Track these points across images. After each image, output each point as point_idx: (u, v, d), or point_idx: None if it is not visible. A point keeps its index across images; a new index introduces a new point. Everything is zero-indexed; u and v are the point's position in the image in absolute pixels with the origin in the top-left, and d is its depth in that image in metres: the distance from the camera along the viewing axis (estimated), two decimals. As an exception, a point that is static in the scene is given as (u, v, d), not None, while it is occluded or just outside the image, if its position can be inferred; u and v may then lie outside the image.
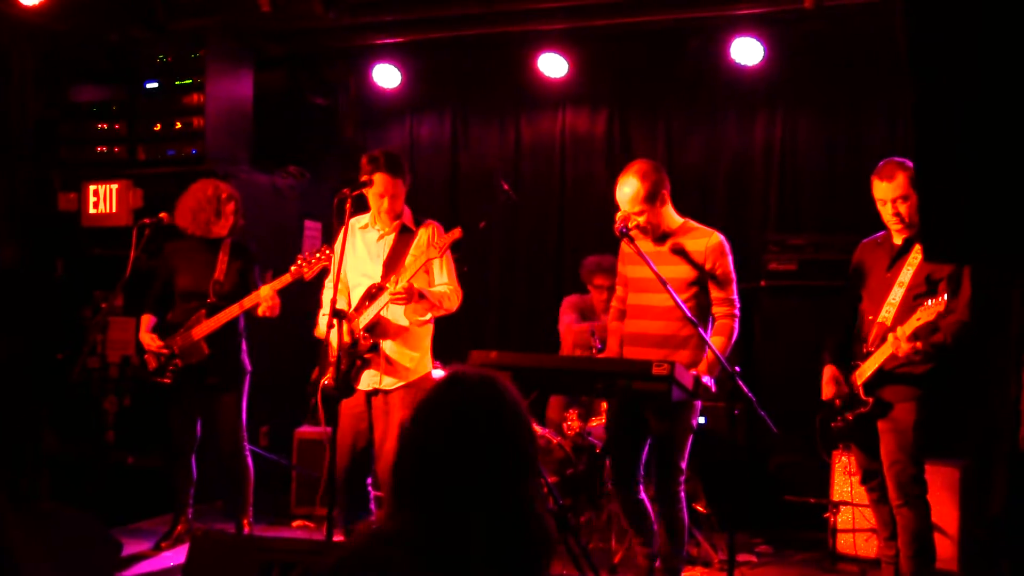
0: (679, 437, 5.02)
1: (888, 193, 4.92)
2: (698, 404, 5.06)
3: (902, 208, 4.91)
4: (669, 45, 7.81)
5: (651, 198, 5.00)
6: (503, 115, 8.54)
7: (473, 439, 2.10)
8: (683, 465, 5.06)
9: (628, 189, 5.01)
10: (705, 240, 5.06)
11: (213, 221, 6.10)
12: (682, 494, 5.07)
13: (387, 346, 5.38)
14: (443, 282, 5.41)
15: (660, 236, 5.11)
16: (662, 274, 4.85)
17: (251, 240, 6.33)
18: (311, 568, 2.05)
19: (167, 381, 6.10)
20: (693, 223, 5.18)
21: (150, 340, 6.10)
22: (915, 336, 4.71)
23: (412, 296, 5.18)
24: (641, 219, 5.03)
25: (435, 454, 2.10)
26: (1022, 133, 1.85)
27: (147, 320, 6.21)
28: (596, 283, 6.95)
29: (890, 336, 4.80)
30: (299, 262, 5.77)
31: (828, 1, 6.57)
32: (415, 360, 5.42)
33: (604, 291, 6.86)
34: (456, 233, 5.18)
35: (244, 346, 6.23)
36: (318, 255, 5.75)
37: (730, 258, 5.10)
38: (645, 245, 5.06)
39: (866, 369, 4.95)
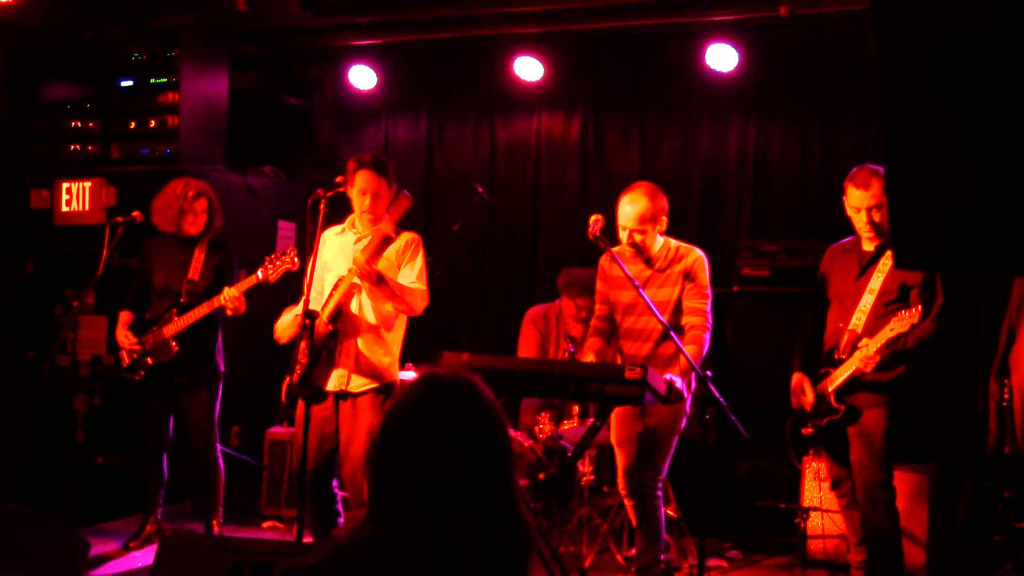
0: (666, 438, 5.14)
1: (863, 201, 4.94)
2: (687, 408, 5.15)
3: (876, 216, 4.94)
4: (645, 50, 7.86)
5: (654, 219, 5.18)
6: (478, 118, 8.54)
7: (453, 441, 2.08)
8: (664, 466, 5.18)
9: (634, 207, 5.15)
10: (686, 257, 5.24)
11: (181, 218, 6.09)
12: (659, 493, 5.17)
13: (359, 343, 5.33)
14: (411, 280, 5.33)
15: (647, 259, 5.25)
16: (650, 296, 4.98)
17: (226, 239, 6.32)
18: (287, 570, 2.03)
19: (136, 378, 6.10)
20: (673, 242, 5.32)
21: (124, 338, 6.11)
22: (886, 346, 4.74)
23: (371, 275, 5.05)
24: (639, 237, 5.16)
25: (414, 458, 2.08)
26: (992, 141, 1.87)
27: (124, 317, 6.21)
28: (579, 302, 6.80)
29: (858, 352, 4.83)
30: (266, 264, 5.77)
31: (802, 9, 6.62)
32: (384, 365, 5.36)
33: (584, 310, 6.79)
34: (406, 201, 5.11)
35: (219, 346, 6.21)
36: (283, 258, 5.74)
37: (708, 274, 5.24)
38: (634, 267, 5.15)
39: (837, 376, 4.97)
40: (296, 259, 5.72)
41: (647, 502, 5.18)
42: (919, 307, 4.68)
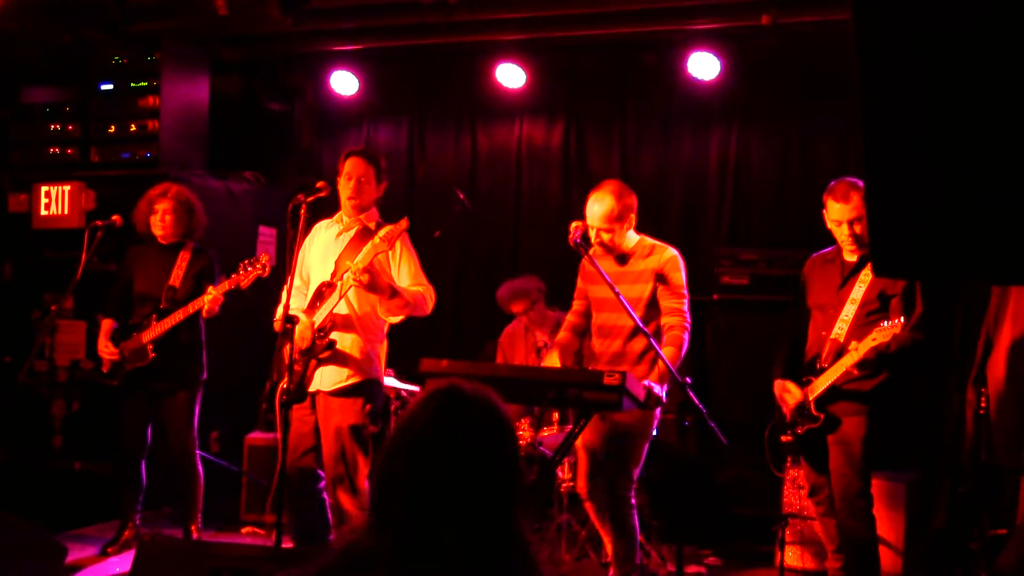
0: (636, 444, 5.08)
1: (844, 214, 4.96)
2: (656, 413, 5.13)
3: (858, 229, 4.95)
4: (627, 58, 7.88)
5: (620, 218, 5.12)
6: (460, 125, 8.54)
7: (471, 458, 2.02)
8: (636, 472, 5.12)
9: (600, 207, 5.10)
10: (659, 256, 5.18)
11: (149, 220, 6.09)
12: (632, 500, 5.13)
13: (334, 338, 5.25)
14: (412, 283, 5.25)
15: (619, 256, 5.21)
16: (621, 293, 4.92)
17: (208, 245, 6.30)
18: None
19: (114, 384, 6.09)
20: (648, 240, 5.27)
21: (104, 348, 6.10)
22: (869, 352, 4.76)
23: (379, 285, 4.97)
24: (606, 236, 5.13)
25: (423, 471, 2.02)
26: (971, 148, 1.88)
27: (106, 325, 6.19)
28: (515, 310, 7.03)
29: (849, 354, 4.84)
30: (239, 270, 5.76)
31: (784, 18, 6.65)
32: (355, 359, 5.21)
33: (527, 315, 6.98)
34: (403, 223, 5.02)
35: (201, 353, 6.19)
36: (256, 264, 5.73)
37: (683, 273, 5.20)
38: (606, 264, 5.14)
39: (819, 385, 4.99)
40: (267, 266, 5.71)
41: (622, 510, 5.14)
42: (900, 318, 4.70)
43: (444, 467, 2.02)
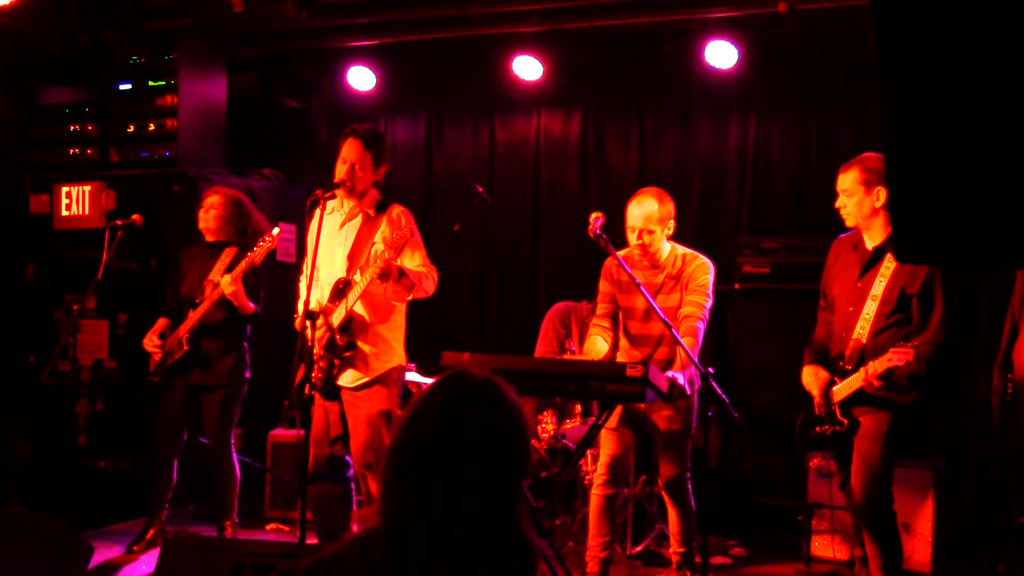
0: (685, 437, 5.30)
1: (839, 184, 5.03)
2: (695, 404, 5.30)
3: (844, 200, 4.99)
4: (644, 48, 7.83)
5: (662, 221, 5.22)
6: (477, 118, 8.53)
7: (468, 446, 2.02)
8: (687, 461, 5.34)
9: (642, 208, 5.21)
10: (691, 264, 5.30)
11: (198, 217, 6.18)
12: (689, 484, 5.35)
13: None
14: (416, 264, 5.22)
15: (654, 264, 5.30)
16: (659, 303, 5.04)
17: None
18: (286, 570, 1.99)
19: (156, 380, 6.12)
20: (680, 248, 5.37)
21: (147, 341, 6.17)
22: (887, 374, 4.68)
23: (392, 273, 4.94)
24: (648, 238, 5.20)
25: (430, 458, 2.02)
26: (988, 132, 1.86)
27: (159, 323, 6.25)
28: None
29: (861, 370, 4.78)
30: (255, 249, 5.80)
31: (801, 5, 6.61)
32: (373, 353, 5.22)
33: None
34: (407, 233, 4.96)
35: (243, 350, 6.22)
36: (265, 240, 5.80)
37: (711, 277, 5.28)
38: (643, 274, 5.24)
39: (843, 389, 4.92)
40: (277, 239, 5.76)
41: (681, 495, 5.35)
42: (914, 349, 4.57)
43: (447, 456, 2.02)
